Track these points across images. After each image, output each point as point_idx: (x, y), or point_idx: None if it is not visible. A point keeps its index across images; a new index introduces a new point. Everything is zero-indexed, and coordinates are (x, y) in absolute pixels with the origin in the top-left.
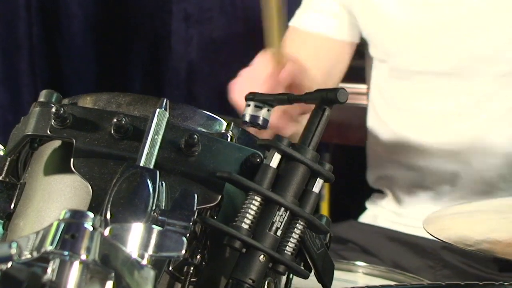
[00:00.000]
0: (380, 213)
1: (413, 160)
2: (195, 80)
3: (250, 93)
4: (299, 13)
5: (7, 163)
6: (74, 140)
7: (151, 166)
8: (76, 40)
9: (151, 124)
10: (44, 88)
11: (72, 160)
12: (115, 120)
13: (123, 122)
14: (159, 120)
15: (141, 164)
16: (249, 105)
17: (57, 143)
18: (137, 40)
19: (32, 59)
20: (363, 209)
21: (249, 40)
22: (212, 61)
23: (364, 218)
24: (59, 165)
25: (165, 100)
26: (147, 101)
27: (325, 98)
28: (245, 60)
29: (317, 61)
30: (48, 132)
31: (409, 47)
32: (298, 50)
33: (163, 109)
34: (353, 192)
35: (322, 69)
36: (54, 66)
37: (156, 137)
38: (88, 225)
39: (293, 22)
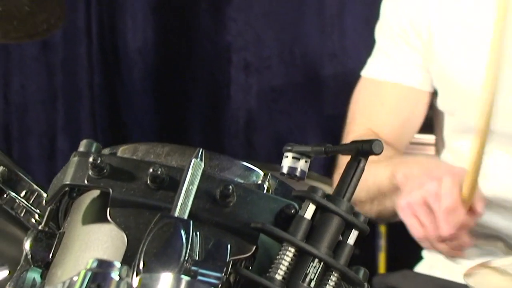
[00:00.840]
0: (436, 263)
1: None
2: (254, 129)
3: (288, 145)
4: (372, 61)
5: (47, 212)
6: (110, 190)
7: (185, 216)
8: (136, 88)
9: (186, 174)
10: (104, 136)
11: (108, 209)
12: (151, 170)
13: (158, 172)
14: (194, 170)
15: (175, 214)
16: (287, 157)
17: (95, 192)
18: (196, 88)
19: (93, 107)
20: (421, 259)
21: (307, 88)
22: (271, 109)
23: (420, 267)
24: (97, 215)
25: (200, 150)
26: (185, 152)
27: (361, 150)
28: (304, 108)
29: (394, 112)
30: (86, 181)
31: (474, 105)
32: (372, 101)
33: (198, 159)
34: (411, 242)
35: (399, 120)
36: (114, 114)
37: (190, 187)
38: (115, 275)
39: (366, 72)
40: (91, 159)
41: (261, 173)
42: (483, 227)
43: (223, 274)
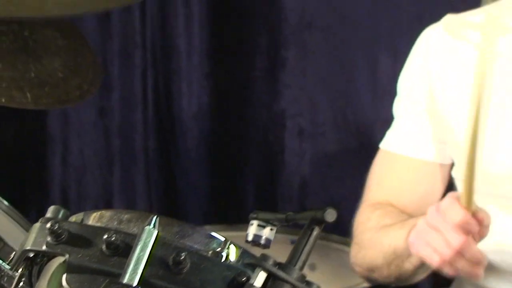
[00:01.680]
0: None
1: (493, 284)
2: (307, 194)
3: (254, 212)
4: (389, 134)
5: (16, 277)
6: (67, 256)
7: (135, 283)
8: (190, 153)
9: (138, 241)
10: (158, 200)
11: (65, 275)
12: (105, 236)
13: (113, 238)
14: (146, 237)
15: (125, 281)
16: (252, 224)
17: (61, 258)
18: (251, 154)
19: (147, 172)
20: None
21: (361, 154)
22: (325, 175)
23: None
24: (60, 280)
25: (154, 217)
26: (148, 219)
27: (314, 218)
28: (357, 174)
29: (412, 186)
30: (44, 247)
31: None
32: (389, 174)
33: (151, 226)
34: None
35: (417, 194)
36: (168, 179)
37: (141, 254)
38: None
39: (383, 144)
40: (48, 225)
41: (222, 240)
42: None
43: None
